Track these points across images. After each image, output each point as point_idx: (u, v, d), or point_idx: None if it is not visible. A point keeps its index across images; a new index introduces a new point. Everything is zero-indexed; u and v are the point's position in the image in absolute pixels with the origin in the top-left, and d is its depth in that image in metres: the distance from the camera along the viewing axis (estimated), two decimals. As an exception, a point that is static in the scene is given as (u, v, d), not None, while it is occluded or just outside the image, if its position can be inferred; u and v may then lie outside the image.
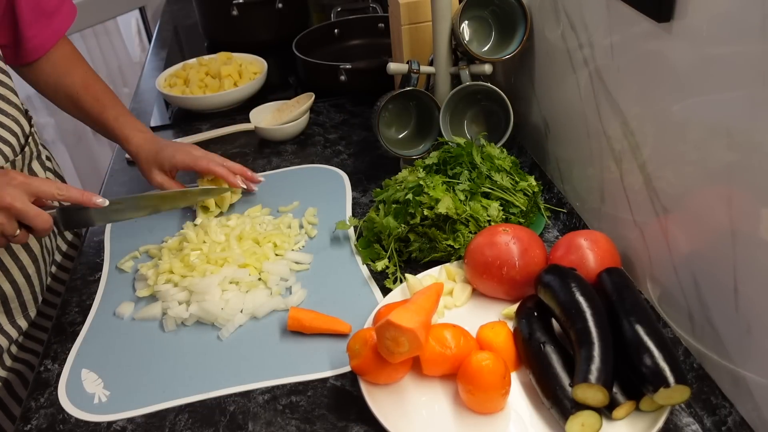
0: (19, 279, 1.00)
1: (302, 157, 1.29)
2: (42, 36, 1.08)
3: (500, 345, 0.79)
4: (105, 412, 0.81)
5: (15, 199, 0.82)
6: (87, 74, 1.14)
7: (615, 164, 0.86)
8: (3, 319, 0.99)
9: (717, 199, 0.66)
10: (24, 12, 1.03)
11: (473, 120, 1.16)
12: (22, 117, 1.01)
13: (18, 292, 1.00)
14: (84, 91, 1.11)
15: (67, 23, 1.13)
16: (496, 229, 0.89)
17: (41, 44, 1.09)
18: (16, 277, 0.99)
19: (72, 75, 1.12)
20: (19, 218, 0.84)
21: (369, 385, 0.78)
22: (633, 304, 0.75)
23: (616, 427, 0.71)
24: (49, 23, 1.09)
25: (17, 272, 0.99)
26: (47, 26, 1.09)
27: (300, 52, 1.54)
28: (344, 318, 0.89)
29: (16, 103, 1.00)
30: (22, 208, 0.83)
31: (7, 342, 1.00)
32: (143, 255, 1.06)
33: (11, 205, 0.82)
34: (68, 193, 0.88)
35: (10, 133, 0.97)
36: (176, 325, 0.92)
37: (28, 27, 1.06)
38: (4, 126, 0.96)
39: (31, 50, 1.08)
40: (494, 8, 1.10)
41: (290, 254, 1.01)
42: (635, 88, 0.78)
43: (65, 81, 1.12)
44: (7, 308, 1.00)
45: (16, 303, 1.00)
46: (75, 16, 1.14)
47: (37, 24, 1.07)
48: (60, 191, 0.87)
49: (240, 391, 0.82)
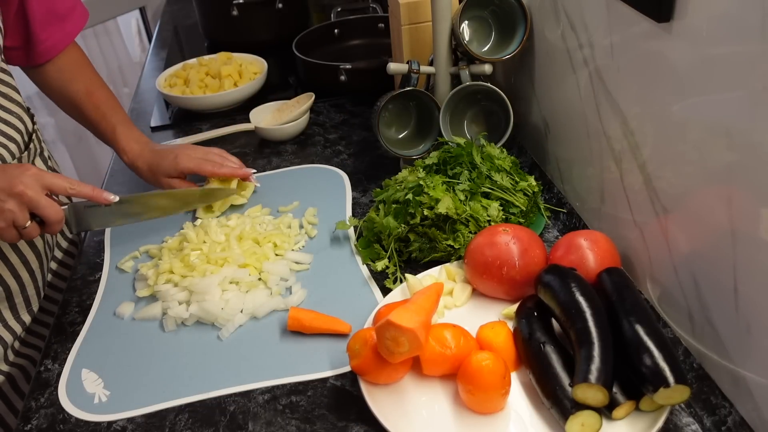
0: (23, 274, 1.01)
1: (302, 157, 1.29)
2: (54, 38, 1.09)
3: (500, 345, 0.79)
4: (105, 412, 0.81)
5: (27, 187, 0.83)
6: (91, 81, 1.14)
7: (615, 164, 0.86)
8: (8, 315, 1.00)
9: (717, 199, 0.66)
10: (36, 14, 1.04)
11: (473, 120, 1.16)
12: (25, 114, 1.02)
13: (22, 287, 1.01)
14: (86, 99, 1.12)
15: (80, 26, 1.13)
16: (496, 229, 0.89)
17: (53, 46, 1.09)
18: (20, 272, 1.00)
19: (77, 82, 1.12)
20: (30, 207, 0.84)
21: (369, 385, 0.78)
22: (633, 304, 0.75)
23: (616, 427, 0.71)
24: (61, 26, 1.09)
25: (21, 267, 1.00)
26: (60, 29, 1.09)
27: (300, 52, 1.54)
28: (344, 318, 0.89)
29: (18, 100, 1.01)
30: (34, 196, 0.83)
31: (12, 337, 1.00)
32: (143, 255, 1.06)
33: (23, 192, 0.82)
34: (80, 189, 0.89)
35: (15, 130, 0.98)
36: (176, 325, 0.92)
37: (41, 29, 1.06)
38: (8, 123, 0.97)
39: (42, 52, 1.08)
40: (494, 8, 1.10)
41: (290, 254, 1.01)
42: (635, 88, 0.78)
43: (70, 87, 1.12)
44: (12, 303, 1.00)
45: (20, 298, 1.01)
46: (87, 19, 1.15)
47: (49, 27, 1.07)
48: (72, 186, 0.88)
49: (240, 391, 0.82)
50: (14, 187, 0.82)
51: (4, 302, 0.99)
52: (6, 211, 0.83)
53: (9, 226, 0.84)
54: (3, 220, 0.83)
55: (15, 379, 1.02)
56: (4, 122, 0.97)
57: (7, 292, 0.99)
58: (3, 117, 0.97)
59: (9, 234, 0.85)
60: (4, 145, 0.95)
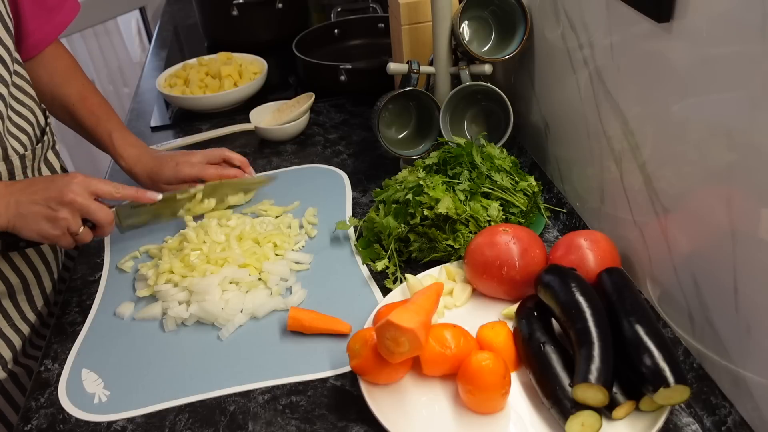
0: (39, 265, 1.02)
1: (302, 157, 1.29)
2: (43, 30, 1.08)
3: (500, 345, 0.79)
4: (105, 412, 0.81)
5: (77, 195, 0.87)
6: (84, 87, 1.13)
7: (615, 164, 0.86)
8: (25, 307, 1.02)
9: (717, 199, 0.66)
10: (25, 6, 1.03)
11: (473, 120, 1.16)
12: (37, 108, 1.03)
13: (38, 278, 1.02)
14: (80, 104, 1.11)
15: (69, 18, 1.12)
16: (496, 229, 0.89)
17: (43, 38, 1.08)
18: (36, 263, 1.02)
19: (69, 86, 1.12)
20: (82, 213, 0.89)
21: (369, 385, 0.78)
22: (633, 304, 0.75)
23: (616, 427, 0.71)
24: (50, 18, 1.08)
25: (37, 259, 1.02)
26: (49, 21, 1.08)
27: (300, 52, 1.54)
28: (344, 318, 0.89)
29: (32, 94, 1.01)
30: (84, 202, 0.88)
31: (29, 329, 1.02)
32: (143, 255, 1.06)
33: (74, 200, 0.87)
34: (125, 192, 0.94)
35: (27, 122, 0.99)
36: (176, 325, 0.92)
37: (29, 21, 1.05)
38: (21, 115, 0.98)
39: (32, 45, 1.08)
40: (494, 8, 1.10)
41: (290, 254, 1.01)
42: (635, 88, 0.78)
43: (62, 92, 1.11)
44: (29, 295, 1.01)
45: (37, 290, 1.03)
46: (78, 11, 1.13)
47: (38, 18, 1.06)
48: (117, 189, 0.92)
49: (240, 391, 0.82)
50: (65, 196, 0.86)
51: (21, 294, 1.00)
52: (60, 220, 0.87)
53: (64, 233, 0.88)
54: (58, 228, 0.87)
55: (18, 378, 1.02)
56: (18, 114, 0.97)
57: (24, 283, 1.00)
58: (17, 109, 0.98)
59: (65, 241, 0.89)
60: (16, 137, 0.96)
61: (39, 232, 0.87)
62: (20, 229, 0.87)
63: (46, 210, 0.86)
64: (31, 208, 0.86)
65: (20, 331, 1.01)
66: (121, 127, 1.14)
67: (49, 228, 0.87)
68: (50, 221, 0.87)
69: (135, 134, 1.15)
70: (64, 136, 2.52)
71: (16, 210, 0.86)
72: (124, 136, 1.12)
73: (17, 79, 0.99)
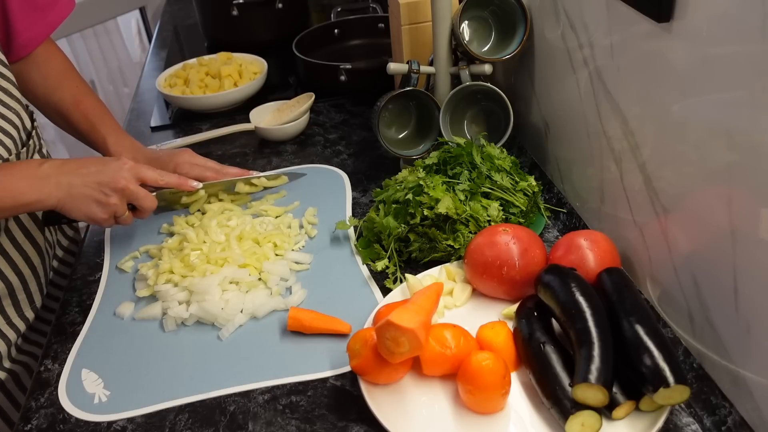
0: (25, 270, 1.01)
1: (302, 157, 1.29)
2: (33, 30, 1.05)
3: (500, 345, 0.79)
4: (105, 412, 0.81)
5: (129, 182, 0.91)
6: (78, 90, 1.11)
7: (615, 164, 0.86)
8: (11, 311, 1.00)
9: (717, 199, 0.66)
10: (13, 4, 1.00)
11: (473, 120, 1.16)
12: (23, 111, 1.01)
13: (24, 284, 1.01)
14: (74, 109, 1.09)
15: (61, 16, 1.09)
16: (496, 229, 0.89)
17: (33, 38, 1.06)
18: (22, 268, 1.01)
19: (62, 90, 1.10)
20: (130, 199, 0.93)
21: (369, 385, 0.78)
22: (633, 304, 0.75)
23: (616, 427, 0.71)
24: (41, 17, 1.06)
25: (23, 264, 1.01)
26: (39, 20, 1.06)
27: (300, 52, 1.54)
28: (344, 318, 0.89)
29: (17, 96, 1.00)
30: (135, 190, 0.92)
31: (15, 335, 1.01)
32: (143, 255, 1.06)
33: (126, 186, 0.91)
34: (168, 179, 0.99)
35: (12, 126, 0.97)
36: (176, 325, 0.92)
37: (18, 20, 1.02)
38: (5, 118, 0.96)
39: (21, 45, 1.05)
40: (494, 8, 1.10)
41: (290, 254, 1.01)
42: (635, 88, 0.78)
43: (55, 96, 1.10)
44: (15, 300, 1.01)
45: (23, 294, 1.02)
46: (71, 9, 1.11)
47: (27, 17, 1.03)
48: (161, 177, 0.97)
49: (240, 391, 0.82)
50: (117, 183, 0.90)
51: (6, 299, 0.99)
52: (111, 205, 0.91)
53: (111, 217, 0.92)
54: (107, 212, 0.91)
55: (19, 377, 1.02)
56: (2, 117, 0.96)
57: (9, 288, 0.99)
58: (1, 112, 0.96)
59: (108, 222, 0.93)
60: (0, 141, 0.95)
61: (87, 214, 0.90)
62: (69, 210, 0.89)
63: (99, 194, 0.89)
64: (83, 190, 0.88)
65: (5, 336, 1.00)
66: (115, 131, 1.11)
67: (99, 211, 0.90)
68: (101, 205, 0.90)
69: (135, 134, 1.15)
70: (64, 136, 2.51)
71: (68, 191, 0.88)
72: (119, 140, 1.10)
73: (1, 81, 0.97)
